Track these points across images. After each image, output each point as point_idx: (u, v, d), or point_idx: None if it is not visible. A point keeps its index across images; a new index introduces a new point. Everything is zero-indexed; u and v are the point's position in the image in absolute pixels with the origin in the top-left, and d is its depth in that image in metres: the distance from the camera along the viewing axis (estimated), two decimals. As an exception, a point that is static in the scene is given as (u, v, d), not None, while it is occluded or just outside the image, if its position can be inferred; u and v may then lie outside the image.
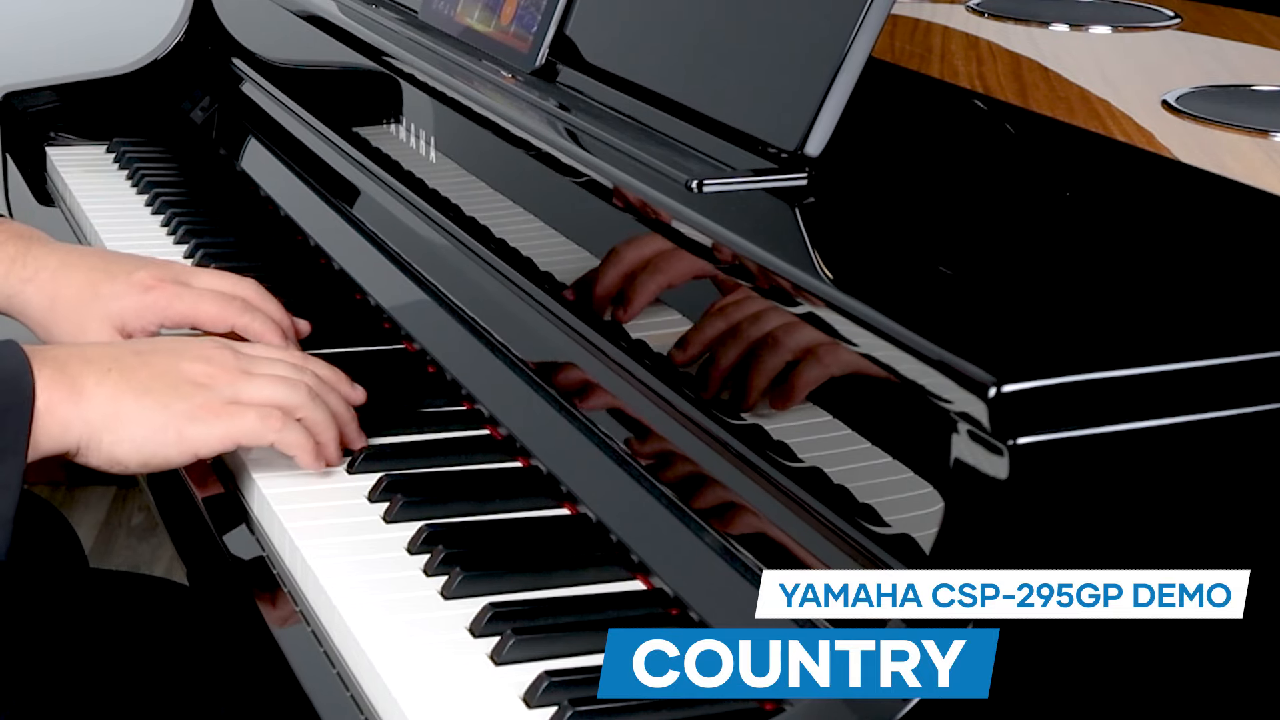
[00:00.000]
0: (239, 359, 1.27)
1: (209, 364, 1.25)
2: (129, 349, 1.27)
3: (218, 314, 1.41)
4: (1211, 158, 1.22)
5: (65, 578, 1.59)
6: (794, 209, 1.17)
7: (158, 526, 2.99)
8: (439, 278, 1.51)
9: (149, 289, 1.42)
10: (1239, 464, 0.93)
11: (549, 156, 1.35)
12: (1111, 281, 1.07)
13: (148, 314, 1.41)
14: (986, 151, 1.33)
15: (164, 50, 2.23)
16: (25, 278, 1.45)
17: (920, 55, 1.53)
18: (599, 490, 1.21)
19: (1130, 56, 1.57)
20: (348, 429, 1.29)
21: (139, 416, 1.20)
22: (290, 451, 1.25)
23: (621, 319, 1.23)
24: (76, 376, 1.20)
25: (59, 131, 2.17)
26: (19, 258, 1.45)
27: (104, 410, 1.20)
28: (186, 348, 1.27)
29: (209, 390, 1.23)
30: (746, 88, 1.25)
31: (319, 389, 1.28)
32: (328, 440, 1.27)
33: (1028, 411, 0.87)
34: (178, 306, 1.41)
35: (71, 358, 1.22)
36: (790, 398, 1.05)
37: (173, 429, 1.21)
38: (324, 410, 1.27)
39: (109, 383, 1.20)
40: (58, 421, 1.18)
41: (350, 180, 1.75)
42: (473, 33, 1.60)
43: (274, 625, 1.15)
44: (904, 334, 0.94)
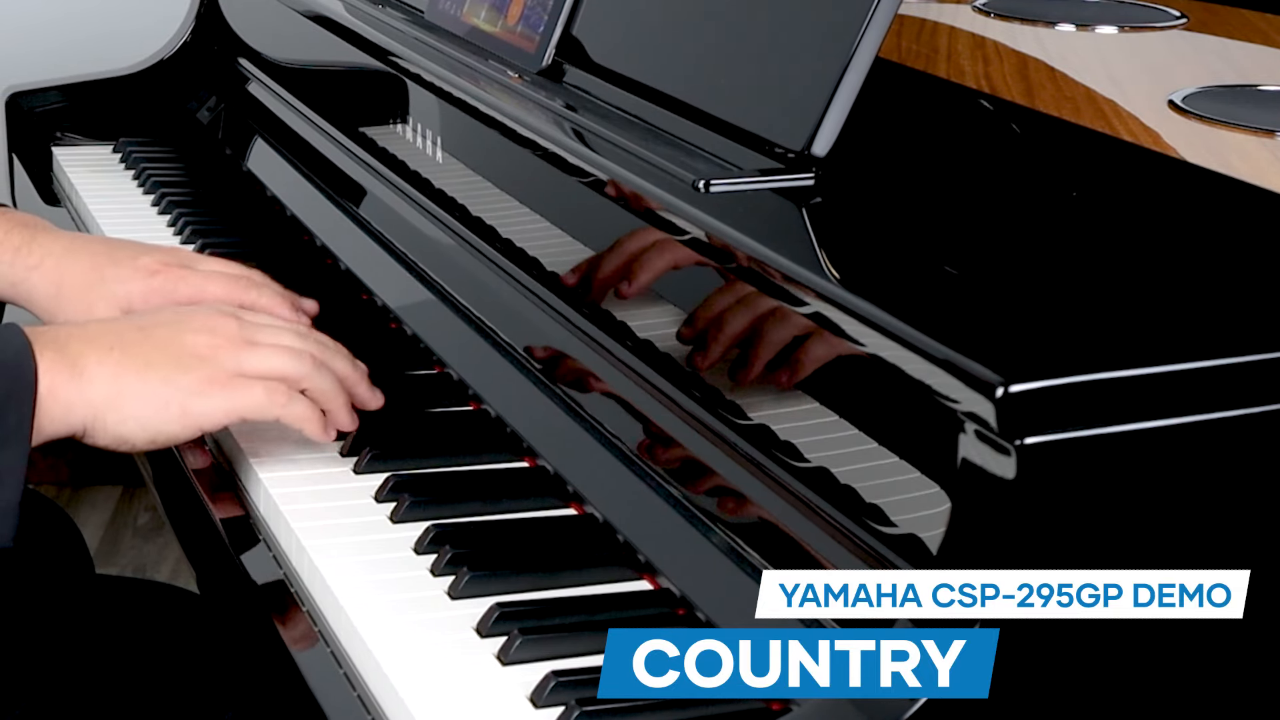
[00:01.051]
0: (243, 328, 1.26)
1: (213, 335, 1.24)
2: (131, 324, 1.26)
3: (225, 294, 1.40)
4: (1218, 158, 1.22)
5: (70, 580, 1.58)
6: (801, 209, 1.17)
7: (164, 526, 2.99)
8: (445, 277, 1.51)
9: (154, 273, 1.42)
10: (1247, 464, 0.93)
11: (556, 156, 1.35)
12: (1118, 281, 1.07)
13: (154, 297, 1.41)
14: (993, 151, 1.33)
15: (170, 50, 2.23)
16: (31, 265, 1.45)
17: (927, 55, 1.53)
18: (605, 490, 1.21)
19: (1136, 56, 1.57)
20: (358, 389, 1.29)
21: (142, 393, 1.20)
22: (297, 425, 1.24)
23: (627, 319, 1.23)
24: (78, 357, 1.19)
25: (65, 131, 2.17)
26: (24, 246, 1.45)
27: (106, 390, 1.19)
28: (189, 318, 1.27)
29: (213, 363, 1.22)
30: (753, 88, 1.25)
31: (323, 355, 1.27)
32: (336, 408, 1.26)
33: (1035, 411, 0.87)
34: (184, 289, 1.41)
35: (72, 337, 1.21)
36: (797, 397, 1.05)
37: (176, 404, 1.20)
38: (330, 378, 1.26)
39: (110, 361, 1.20)
40: (61, 404, 1.17)
41: (357, 180, 1.75)
42: (479, 32, 1.60)
43: (281, 626, 1.15)
44: (911, 334, 0.94)
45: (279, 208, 1.87)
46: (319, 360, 1.27)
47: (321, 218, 1.78)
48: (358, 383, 1.29)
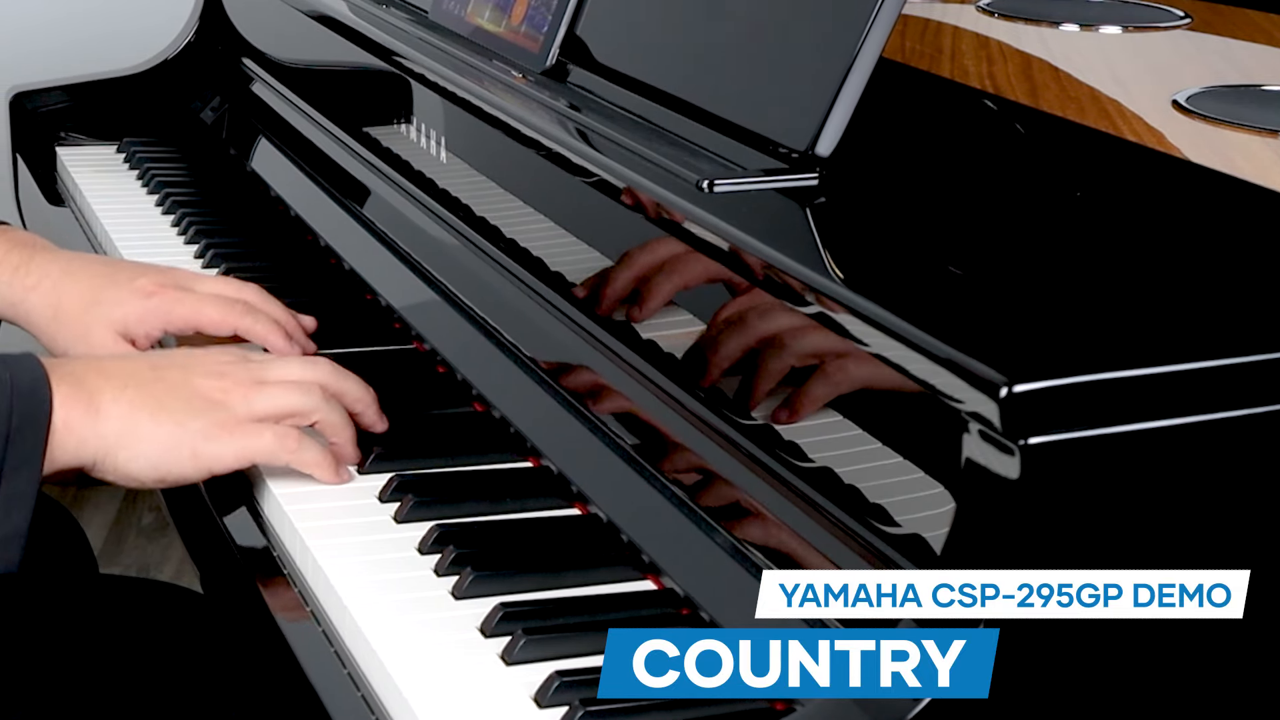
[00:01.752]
0: (251, 369, 1.27)
1: (222, 378, 1.25)
2: (145, 363, 1.27)
3: (220, 318, 1.41)
4: (1222, 157, 1.22)
5: (74, 580, 1.58)
6: (805, 209, 1.17)
7: (168, 527, 3.00)
8: (449, 278, 1.51)
9: (150, 294, 1.42)
10: (1254, 464, 0.93)
11: (560, 156, 1.35)
12: (1122, 281, 1.07)
13: (151, 319, 1.41)
14: (997, 151, 1.33)
15: (174, 50, 2.23)
16: (29, 286, 1.45)
17: (931, 55, 1.53)
18: (609, 490, 1.21)
19: (1140, 56, 1.57)
20: (367, 414, 1.30)
21: (154, 434, 1.21)
22: (307, 470, 1.25)
23: (632, 319, 1.23)
24: (94, 392, 1.20)
25: (69, 131, 2.17)
26: (22, 266, 1.46)
27: (119, 427, 1.20)
28: (200, 361, 1.27)
29: (224, 408, 1.23)
30: (757, 88, 1.25)
31: (333, 383, 1.28)
32: (344, 440, 1.27)
33: (1039, 411, 0.87)
34: (180, 311, 1.41)
35: (89, 372, 1.22)
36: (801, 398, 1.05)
37: (187, 447, 1.21)
38: (339, 411, 1.27)
39: (124, 399, 1.20)
40: (74, 437, 1.18)
41: (360, 180, 1.75)
42: (483, 32, 1.60)
43: (285, 626, 1.15)
44: (915, 334, 0.94)
45: (283, 208, 1.87)
46: (328, 391, 1.27)
47: (325, 218, 1.78)
48: (368, 407, 1.30)
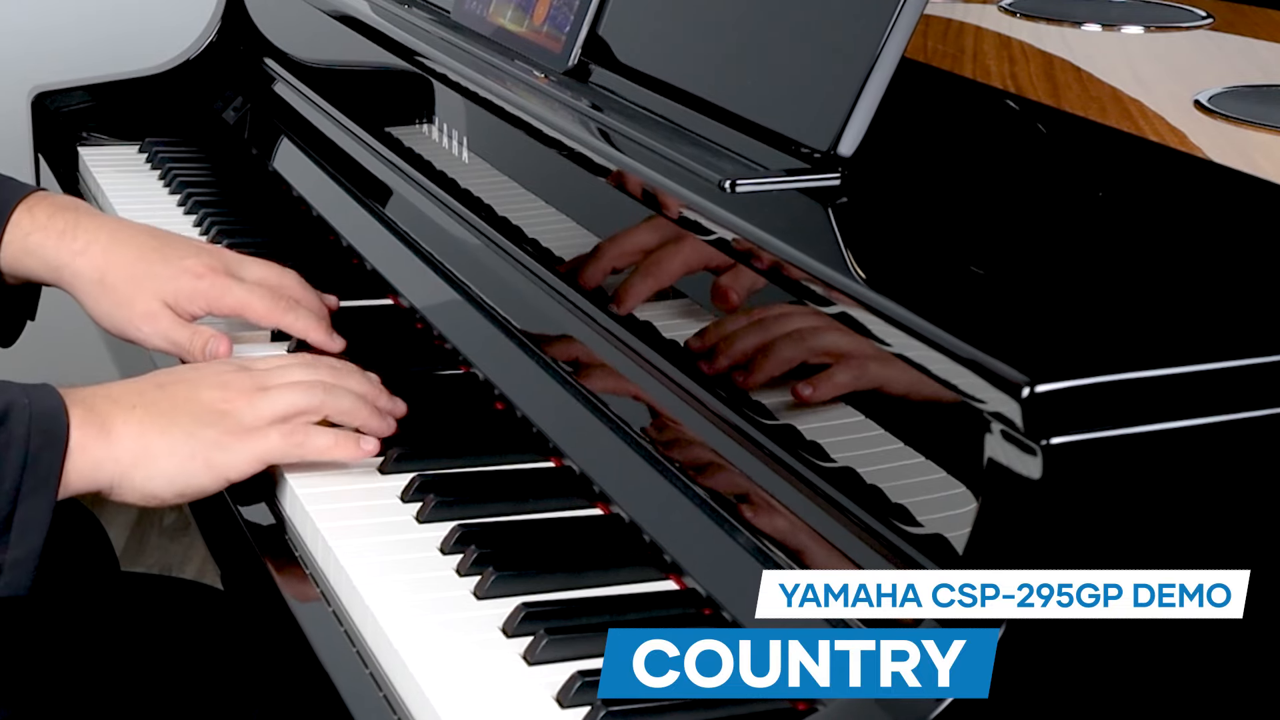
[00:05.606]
0: (253, 376, 1.29)
1: (226, 389, 1.27)
2: (150, 383, 1.29)
3: (265, 312, 1.45)
4: (1244, 157, 1.21)
5: (96, 579, 1.59)
6: (827, 209, 1.17)
7: (189, 527, 3.00)
8: (471, 277, 1.51)
9: (200, 276, 1.45)
10: (1273, 463, 0.93)
11: (582, 157, 1.35)
12: (1144, 281, 1.07)
13: (199, 299, 1.45)
14: (1019, 151, 1.33)
15: (196, 50, 2.23)
16: (76, 250, 1.47)
17: (953, 55, 1.53)
18: (632, 490, 1.21)
19: (1162, 56, 1.57)
20: (377, 401, 1.31)
21: (168, 449, 1.22)
22: (325, 457, 1.26)
23: (653, 319, 1.23)
24: (106, 416, 1.22)
25: (91, 131, 2.17)
26: (68, 230, 1.48)
27: (132, 446, 1.21)
28: (203, 375, 1.29)
29: (230, 416, 1.25)
30: (779, 88, 1.25)
31: (334, 379, 1.30)
32: (364, 419, 1.28)
33: (1061, 411, 0.87)
34: (228, 300, 1.45)
35: (97, 397, 1.24)
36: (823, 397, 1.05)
37: (200, 458, 1.23)
38: (348, 396, 1.28)
39: (134, 419, 1.22)
40: (90, 460, 1.20)
41: (382, 180, 1.75)
42: (505, 33, 1.60)
43: (306, 624, 1.15)
44: (937, 334, 0.94)
45: (305, 208, 1.88)
46: (330, 385, 1.29)
47: (347, 218, 1.78)
48: (376, 396, 1.31)
